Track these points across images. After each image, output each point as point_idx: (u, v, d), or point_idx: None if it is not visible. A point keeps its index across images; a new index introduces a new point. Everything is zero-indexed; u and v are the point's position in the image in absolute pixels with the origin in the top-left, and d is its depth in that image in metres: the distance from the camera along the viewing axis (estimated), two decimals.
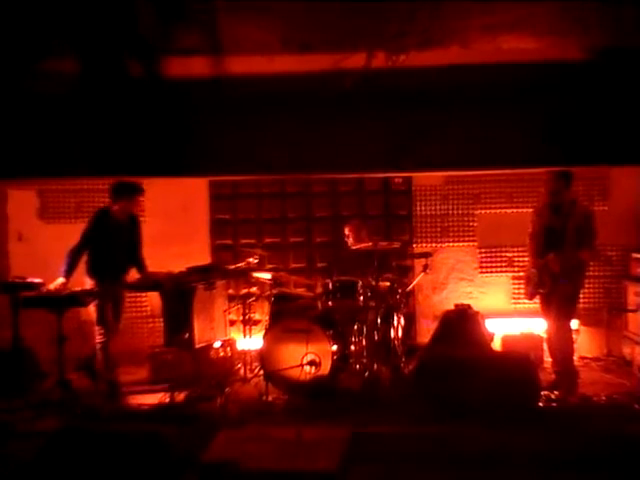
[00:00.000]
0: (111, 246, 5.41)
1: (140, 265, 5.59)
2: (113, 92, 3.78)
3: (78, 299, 5.16)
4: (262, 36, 3.22)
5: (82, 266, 5.42)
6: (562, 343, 5.28)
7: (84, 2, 3.21)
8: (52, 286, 5.16)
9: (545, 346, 5.80)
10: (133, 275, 5.55)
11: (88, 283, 5.38)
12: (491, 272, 6.75)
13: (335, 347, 5.17)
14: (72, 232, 6.45)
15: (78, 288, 5.25)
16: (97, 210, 5.61)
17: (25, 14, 3.27)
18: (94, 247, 5.42)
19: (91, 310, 5.35)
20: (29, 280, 5.22)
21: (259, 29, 3.14)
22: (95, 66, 3.55)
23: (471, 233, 6.79)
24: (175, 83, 3.78)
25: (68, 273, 5.26)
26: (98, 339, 5.37)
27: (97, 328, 5.37)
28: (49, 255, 6.33)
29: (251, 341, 5.91)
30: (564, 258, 5.05)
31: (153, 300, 6.50)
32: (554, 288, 5.16)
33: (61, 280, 5.20)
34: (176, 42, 3.38)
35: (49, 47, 3.46)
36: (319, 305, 5.61)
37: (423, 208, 6.82)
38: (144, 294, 6.61)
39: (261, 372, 5.41)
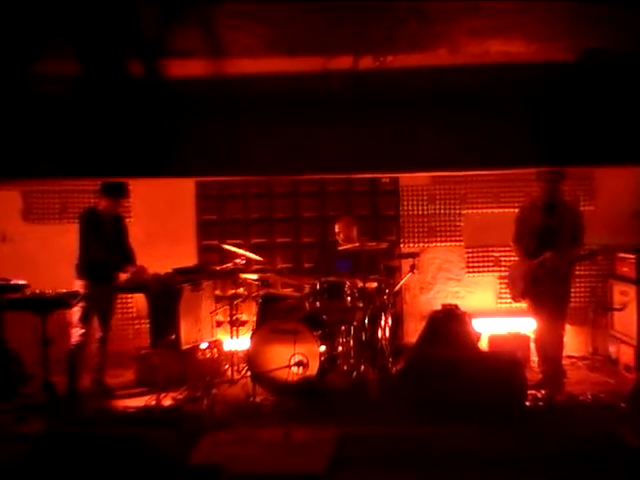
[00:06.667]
0: (100, 246, 5.34)
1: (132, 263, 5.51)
2: (110, 93, 3.74)
3: (63, 301, 5.11)
4: (248, 41, 3.21)
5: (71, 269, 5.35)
6: (554, 343, 5.31)
7: (84, 2, 3.17)
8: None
9: (532, 345, 5.82)
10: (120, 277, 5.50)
11: (77, 285, 5.30)
12: (478, 272, 6.78)
13: (323, 348, 5.17)
14: (56, 233, 6.46)
15: (63, 290, 5.19)
16: (84, 210, 5.55)
17: (24, 14, 3.23)
18: (84, 248, 5.35)
19: (74, 311, 5.26)
20: (13, 282, 5.14)
21: (245, 34, 3.12)
22: (94, 67, 3.51)
23: (458, 233, 6.81)
24: (168, 83, 3.75)
25: (120, 265, 5.37)
26: (75, 339, 5.28)
27: (76, 329, 5.28)
28: (34, 256, 6.30)
29: (238, 342, 5.89)
30: (562, 256, 5.08)
31: (139, 302, 6.45)
32: (549, 287, 5.16)
33: (132, 269, 5.34)
34: (174, 44, 3.35)
35: (47, 47, 3.42)
36: (307, 306, 5.59)
37: (410, 208, 6.83)
38: (130, 296, 6.57)
39: (248, 373, 5.39)
